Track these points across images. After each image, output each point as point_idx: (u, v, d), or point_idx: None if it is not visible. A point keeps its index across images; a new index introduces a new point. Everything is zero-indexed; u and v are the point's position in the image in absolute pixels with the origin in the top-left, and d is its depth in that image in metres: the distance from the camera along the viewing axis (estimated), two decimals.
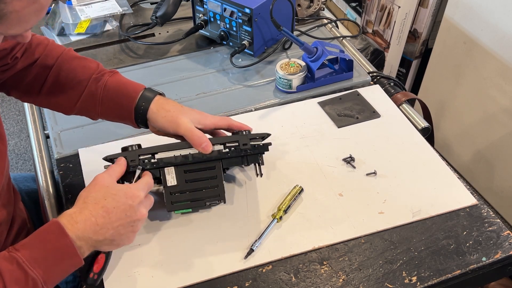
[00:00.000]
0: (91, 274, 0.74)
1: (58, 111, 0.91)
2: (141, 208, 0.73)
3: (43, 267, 0.65)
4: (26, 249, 0.66)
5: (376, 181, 0.92)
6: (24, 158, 2.25)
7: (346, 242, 0.83)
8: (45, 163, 0.99)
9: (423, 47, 1.77)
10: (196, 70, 1.20)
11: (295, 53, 1.23)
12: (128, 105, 0.84)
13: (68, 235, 0.67)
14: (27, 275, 0.64)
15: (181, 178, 0.82)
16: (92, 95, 0.85)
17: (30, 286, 0.64)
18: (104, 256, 0.75)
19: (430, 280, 0.77)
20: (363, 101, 1.09)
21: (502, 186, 1.52)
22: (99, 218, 0.69)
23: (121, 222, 0.71)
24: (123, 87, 0.85)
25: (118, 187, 0.73)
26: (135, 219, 0.72)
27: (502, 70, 1.40)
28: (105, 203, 0.71)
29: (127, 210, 0.71)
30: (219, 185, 0.83)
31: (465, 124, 1.61)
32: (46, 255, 0.66)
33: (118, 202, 0.71)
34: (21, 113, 2.44)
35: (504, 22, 1.35)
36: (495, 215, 0.86)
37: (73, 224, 0.68)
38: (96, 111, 0.86)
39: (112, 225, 0.70)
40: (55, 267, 0.67)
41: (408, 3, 1.65)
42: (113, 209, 0.70)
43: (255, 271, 0.79)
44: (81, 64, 0.87)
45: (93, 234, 0.69)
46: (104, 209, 0.70)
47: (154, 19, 1.25)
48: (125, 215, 0.71)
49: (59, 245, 0.67)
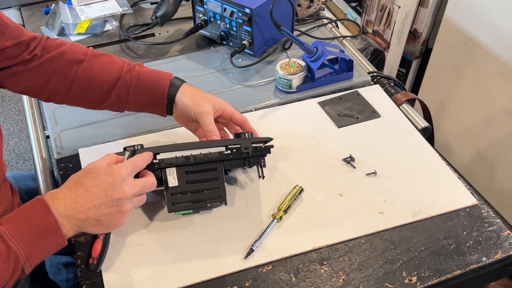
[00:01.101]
0: (90, 259, 0.75)
1: (86, 107, 0.93)
2: (123, 187, 0.72)
3: (26, 242, 0.65)
4: (10, 223, 0.66)
5: (376, 181, 0.92)
6: (24, 158, 2.25)
7: (346, 242, 0.83)
8: (45, 163, 0.99)
9: (423, 47, 1.77)
10: (196, 70, 1.20)
11: (295, 53, 1.23)
12: (160, 92, 0.89)
13: (51, 212, 0.67)
14: (9, 249, 0.64)
15: (182, 179, 0.82)
16: (126, 85, 0.89)
17: (12, 259, 0.64)
18: (101, 241, 0.75)
19: (430, 280, 0.77)
20: (363, 101, 1.09)
21: (502, 186, 1.52)
22: (79, 196, 0.70)
23: (101, 200, 0.70)
24: (155, 75, 0.90)
25: (101, 167, 0.73)
26: (117, 197, 0.71)
27: (502, 70, 1.40)
28: (84, 181, 0.71)
29: (108, 189, 0.71)
30: (220, 186, 0.83)
31: (465, 124, 1.61)
32: (29, 230, 0.66)
33: (97, 180, 0.71)
34: (21, 113, 2.45)
35: (504, 22, 1.35)
36: (495, 215, 0.86)
37: (54, 201, 0.69)
38: (128, 100, 0.90)
39: (93, 203, 0.70)
40: (38, 243, 0.67)
41: (408, 3, 1.65)
42: (92, 187, 0.70)
43: (255, 271, 0.79)
44: (109, 59, 0.91)
45: (74, 212, 0.69)
46: (83, 187, 0.70)
47: (154, 19, 1.25)
48: (105, 193, 0.71)
49: (42, 221, 0.67)
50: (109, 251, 0.79)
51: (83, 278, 0.78)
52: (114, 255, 0.80)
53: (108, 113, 1.07)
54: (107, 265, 0.79)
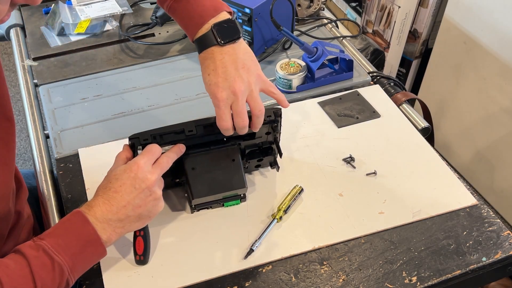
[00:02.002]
0: (137, 257, 0.78)
1: None
2: (146, 175, 0.73)
3: (69, 253, 0.66)
4: (51, 237, 0.67)
5: (376, 181, 0.92)
6: (24, 158, 2.25)
7: (346, 242, 0.83)
8: (45, 163, 0.99)
9: (423, 47, 1.77)
10: (196, 70, 1.19)
11: (295, 53, 1.23)
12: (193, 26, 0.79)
13: (90, 223, 0.69)
14: (53, 261, 0.65)
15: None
16: None
17: (57, 271, 0.65)
18: (141, 239, 0.78)
19: (430, 280, 0.77)
20: (363, 101, 1.09)
21: (502, 186, 1.52)
22: (111, 199, 0.71)
23: (133, 195, 0.71)
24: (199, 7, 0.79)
25: (119, 168, 0.74)
26: (145, 187, 0.72)
27: (502, 70, 1.40)
28: (110, 185, 0.72)
29: (134, 183, 0.72)
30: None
31: (465, 124, 1.61)
32: (70, 242, 0.67)
33: (121, 179, 0.72)
34: (21, 113, 2.44)
35: (504, 22, 1.35)
36: (495, 215, 0.86)
37: (89, 209, 0.70)
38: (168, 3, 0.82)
39: (127, 201, 0.71)
40: (79, 254, 0.68)
41: (408, 3, 1.65)
42: (119, 187, 0.72)
43: (255, 271, 0.79)
44: None
45: (112, 214, 0.70)
46: (112, 190, 0.72)
47: (154, 19, 1.25)
48: (134, 188, 0.72)
49: (82, 232, 0.68)
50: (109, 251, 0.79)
51: (83, 278, 0.78)
52: (114, 255, 0.80)
53: (108, 113, 1.07)
54: (107, 265, 0.79)
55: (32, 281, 0.63)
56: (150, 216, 0.75)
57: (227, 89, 0.75)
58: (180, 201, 0.89)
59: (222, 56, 0.77)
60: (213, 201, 0.86)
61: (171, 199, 0.89)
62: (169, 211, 0.87)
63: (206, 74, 0.77)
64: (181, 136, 0.79)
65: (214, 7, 0.79)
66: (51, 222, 0.88)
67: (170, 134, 0.79)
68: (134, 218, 0.73)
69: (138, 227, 0.75)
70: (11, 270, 0.63)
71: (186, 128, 0.79)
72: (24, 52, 1.26)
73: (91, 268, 0.78)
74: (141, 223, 0.75)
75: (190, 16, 0.80)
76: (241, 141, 0.85)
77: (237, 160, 0.84)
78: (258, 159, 0.90)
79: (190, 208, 0.86)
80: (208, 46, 0.77)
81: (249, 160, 0.90)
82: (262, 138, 0.87)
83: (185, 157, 0.82)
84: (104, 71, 1.19)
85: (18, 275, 0.63)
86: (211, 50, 0.77)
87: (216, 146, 0.84)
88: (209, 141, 0.83)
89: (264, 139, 0.88)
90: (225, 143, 0.84)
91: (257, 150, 0.89)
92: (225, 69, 0.76)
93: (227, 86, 0.75)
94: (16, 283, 0.62)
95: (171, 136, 0.79)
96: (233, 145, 0.84)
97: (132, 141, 0.79)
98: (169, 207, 0.88)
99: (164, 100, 1.10)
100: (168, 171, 0.78)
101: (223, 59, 0.76)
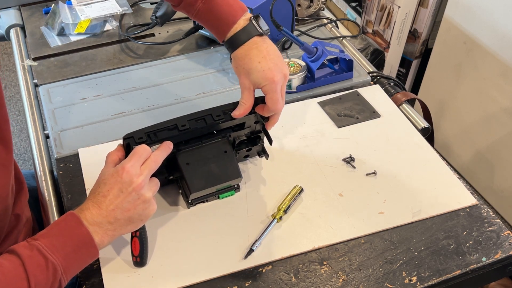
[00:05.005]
0: (133, 258, 0.78)
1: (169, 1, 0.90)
2: (133, 178, 0.73)
3: (63, 253, 0.67)
4: (45, 237, 0.68)
5: (376, 181, 0.92)
6: (24, 158, 2.25)
7: (346, 242, 0.83)
8: (45, 163, 0.99)
9: (423, 47, 1.77)
10: (196, 70, 1.19)
11: (295, 53, 1.23)
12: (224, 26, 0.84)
13: (84, 225, 0.69)
14: (47, 260, 0.65)
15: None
16: None
17: (51, 271, 0.65)
18: (137, 240, 0.78)
19: (430, 280, 0.77)
20: (363, 101, 1.09)
21: (502, 186, 1.52)
22: (100, 203, 0.72)
23: (120, 198, 0.72)
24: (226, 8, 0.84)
25: (107, 172, 0.75)
26: (132, 190, 0.72)
27: (502, 70, 1.40)
28: (99, 190, 0.73)
29: (121, 187, 0.72)
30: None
31: (465, 124, 1.61)
32: (64, 242, 0.68)
33: (109, 184, 0.73)
34: (21, 113, 2.44)
35: (504, 22, 1.35)
36: (495, 215, 0.87)
37: (81, 212, 0.71)
38: (196, 7, 0.85)
39: (114, 204, 0.72)
40: (73, 254, 0.68)
41: (408, 3, 1.65)
42: (107, 191, 0.72)
43: (255, 271, 0.79)
44: None
45: (101, 217, 0.71)
46: (101, 194, 0.72)
47: (154, 19, 1.25)
48: (121, 192, 0.72)
49: (76, 233, 0.69)
50: (109, 251, 0.80)
51: (83, 278, 0.78)
52: (114, 255, 0.80)
53: (108, 113, 1.07)
54: (108, 265, 0.79)
55: (27, 281, 0.63)
56: (142, 219, 0.75)
57: (280, 73, 0.82)
58: (174, 199, 0.89)
59: (266, 45, 0.83)
60: (208, 194, 0.86)
61: (166, 198, 0.89)
62: (166, 211, 0.87)
63: (257, 62, 0.82)
64: (174, 132, 0.80)
65: (240, 7, 0.85)
66: (50, 222, 0.88)
67: (164, 131, 0.79)
68: (124, 221, 0.73)
69: (131, 230, 0.76)
70: (6, 270, 0.63)
71: (178, 123, 0.80)
72: (24, 52, 1.26)
73: (91, 268, 0.78)
74: (133, 226, 0.75)
75: (219, 17, 0.85)
76: (231, 132, 0.86)
77: (229, 152, 0.85)
78: (247, 149, 0.91)
79: (186, 203, 0.87)
80: (251, 37, 0.83)
81: (238, 151, 0.91)
82: (251, 128, 0.88)
83: (178, 153, 0.83)
84: (104, 71, 1.19)
85: (12, 274, 0.63)
86: (254, 41, 0.83)
87: (207, 139, 0.85)
88: (201, 135, 0.84)
89: (253, 128, 0.89)
90: (215, 136, 0.85)
91: (245, 140, 0.91)
92: (273, 55, 0.83)
93: (279, 70, 0.82)
94: (10, 282, 0.63)
95: (165, 133, 0.79)
96: (224, 137, 0.85)
97: (127, 141, 0.78)
98: (166, 206, 0.88)
99: (164, 100, 1.11)
100: (163, 169, 0.78)
101: (267, 47, 0.83)
